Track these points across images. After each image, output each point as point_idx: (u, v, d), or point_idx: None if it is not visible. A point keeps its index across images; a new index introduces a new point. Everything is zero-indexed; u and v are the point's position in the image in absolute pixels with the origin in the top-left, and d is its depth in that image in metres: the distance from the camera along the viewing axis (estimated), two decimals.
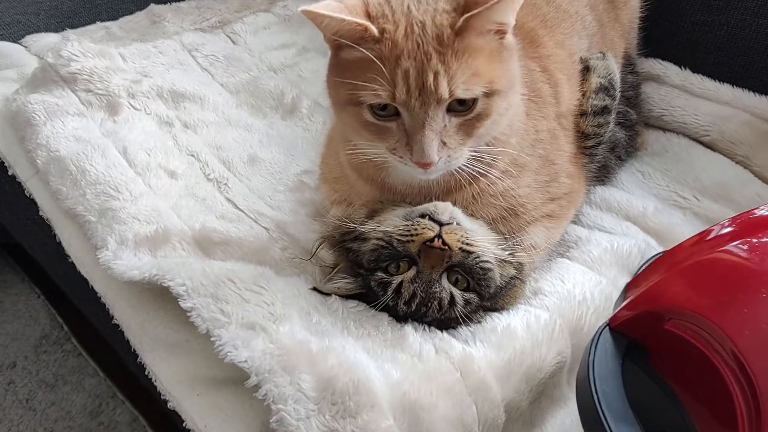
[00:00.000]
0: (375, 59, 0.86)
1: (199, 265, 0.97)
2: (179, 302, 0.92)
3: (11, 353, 1.85)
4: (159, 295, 1.01)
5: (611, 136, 1.19)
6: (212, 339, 0.87)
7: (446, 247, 0.91)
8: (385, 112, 0.89)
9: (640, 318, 0.82)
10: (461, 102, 0.87)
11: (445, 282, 0.93)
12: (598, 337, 0.83)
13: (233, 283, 0.93)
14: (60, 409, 1.72)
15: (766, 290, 0.77)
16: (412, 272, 0.93)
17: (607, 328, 0.84)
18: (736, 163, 1.32)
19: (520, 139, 1.01)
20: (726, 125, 1.34)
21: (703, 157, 1.34)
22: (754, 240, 0.84)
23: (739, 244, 0.83)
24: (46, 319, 1.94)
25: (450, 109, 0.88)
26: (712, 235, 0.87)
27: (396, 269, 0.93)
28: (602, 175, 1.24)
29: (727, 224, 0.89)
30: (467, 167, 0.93)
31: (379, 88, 0.86)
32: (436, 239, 0.91)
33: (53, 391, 1.76)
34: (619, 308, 0.86)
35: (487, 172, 0.96)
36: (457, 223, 0.95)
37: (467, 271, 0.93)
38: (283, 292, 0.93)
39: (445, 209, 0.95)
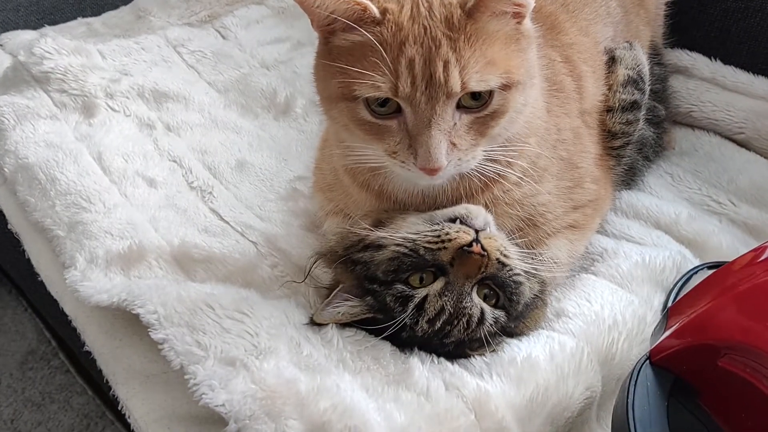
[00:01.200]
0: (376, 44, 0.75)
1: (174, 288, 0.86)
2: (150, 333, 0.81)
3: None
4: (133, 320, 0.90)
5: (639, 134, 1.07)
6: (186, 377, 0.75)
7: (485, 254, 0.81)
8: (385, 108, 0.78)
9: (687, 351, 0.70)
10: (474, 96, 0.76)
11: (476, 296, 0.82)
12: (638, 373, 0.72)
13: (212, 309, 0.82)
14: (47, 429, 1.65)
15: None
16: (439, 284, 0.81)
17: (648, 362, 0.73)
18: None
19: (540, 138, 0.90)
20: (762, 122, 1.23)
21: (738, 156, 1.23)
22: None
23: None
24: (33, 334, 1.86)
25: (460, 105, 0.77)
26: (765, 255, 0.77)
27: (419, 282, 0.82)
28: (629, 177, 1.13)
29: None
30: (480, 170, 0.82)
31: (379, 79, 0.75)
32: (474, 244, 0.81)
33: (40, 410, 1.69)
34: (661, 338, 0.74)
35: (503, 176, 0.86)
36: (490, 230, 0.85)
37: (500, 285, 0.83)
38: (269, 319, 0.82)
39: (478, 213, 0.85)
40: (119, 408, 0.92)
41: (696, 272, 0.97)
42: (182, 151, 1.20)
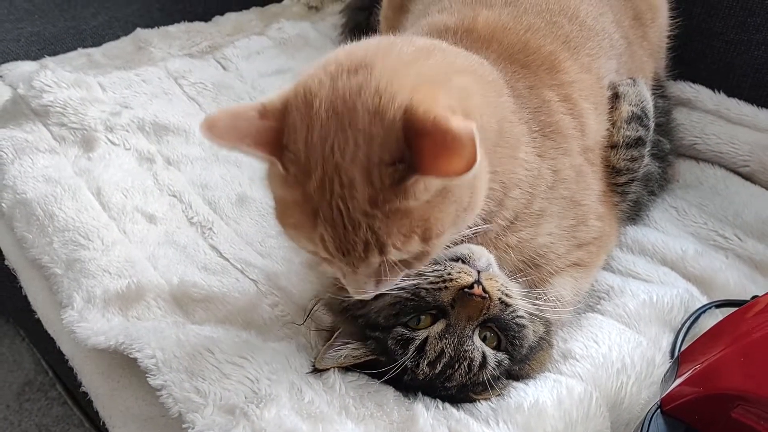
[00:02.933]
0: (293, 205, 0.71)
1: (173, 331, 0.84)
2: (147, 379, 0.79)
3: None
4: (131, 362, 0.88)
5: (645, 170, 1.06)
6: (184, 426, 0.73)
7: (487, 296, 0.79)
8: None
9: (699, 401, 0.68)
10: None
11: (477, 339, 0.80)
12: (650, 422, 0.70)
13: (212, 354, 0.80)
14: None
15: None
16: (440, 326, 0.79)
17: (659, 410, 0.71)
18: None
19: (528, 186, 0.87)
20: (766, 155, 1.21)
21: (743, 190, 1.21)
22: None
23: None
24: (31, 364, 1.85)
25: None
26: None
27: (416, 323, 0.80)
28: (635, 213, 1.11)
29: None
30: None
31: (302, 240, 0.73)
32: (476, 285, 0.79)
33: None
34: (672, 386, 0.72)
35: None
36: (492, 270, 0.83)
37: (502, 327, 0.81)
38: (270, 364, 0.80)
39: (481, 254, 0.83)
40: None
41: (704, 311, 0.95)
42: (182, 186, 1.18)
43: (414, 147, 0.65)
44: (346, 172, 0.67)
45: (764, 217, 1.15)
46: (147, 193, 1.16)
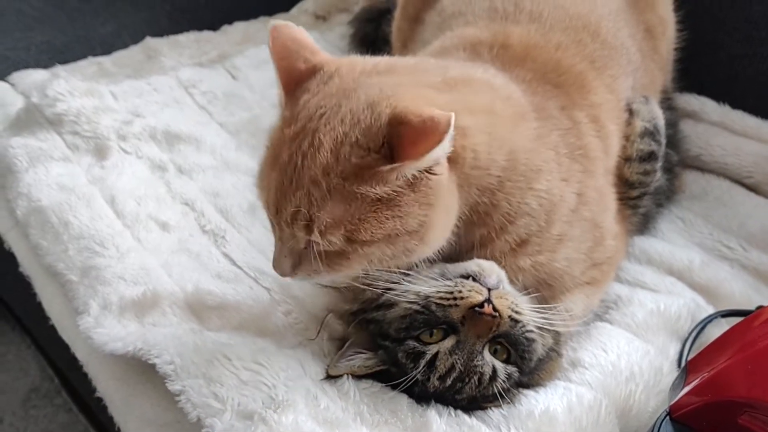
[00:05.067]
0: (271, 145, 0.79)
1: (190, 338, 0.85)
2: (166, 384, 0.80)
3: None
4: (146, 369, 0.89)
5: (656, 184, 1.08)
6: (204, 430, 0.75)
7: (497, 314, 0.80)
8: None
9: (707, 408, 0.70)
10: None
11: (487, 354, 0.81)
12: (659, 429, 0.71)
13: (229, 360, 0.82)
14: None
15: None
16: (450, 342, 0.80)
17: (668, 417, 0.72)
18: None
19: (545, 214, 0.88)
20: None
21: (748, 201, 1.23)
22: None
23: None
24: (37, 371, 1.85)
25: None
26: None
27: (429, 336, 0.81)
28: (644, 225, 1.13)
29: None
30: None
31: (259, 181, 0.81)
32: (486, 304, 0.80)
33: None
34: (680, 394, 0.74)
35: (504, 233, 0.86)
36: (503, 287, 0.84)
37: (512, 342, 0.82)
38: (286, 371, 0.81)
39: (492, 270, 0.84)
40: None
41: (710, 321, 0.97)
42: (194, 194, 1.20)
43: (394, 137, 0.70)
44: (320, 135, 0.73)
45: None
46: (160, 201, 1.17)
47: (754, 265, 1.12)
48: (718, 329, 0.96)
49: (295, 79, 0.80)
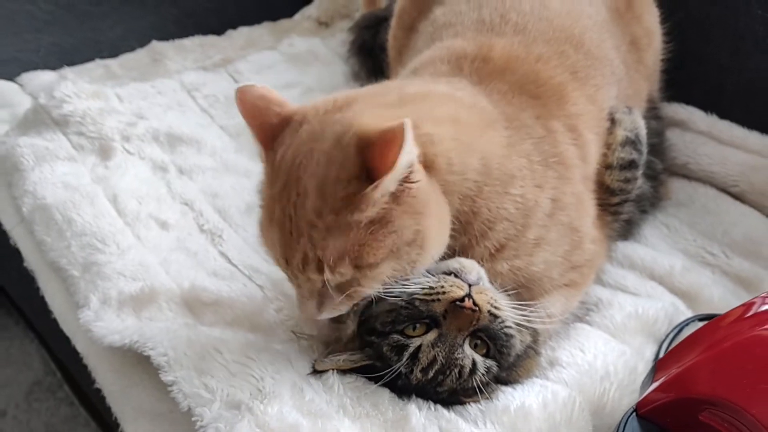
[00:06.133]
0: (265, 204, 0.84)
1: (184, 332, 0.89)
2: (160, 375, 0.84)
3: (2, 401, 1.80)
4: (143, 361, 0.93)
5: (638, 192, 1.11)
6: (193, 419, 0.79)
7: (477, 308, 0.84)
8: None
9: (672, 405, 0.74)
10: None
11: (467, 347, 0.85)
12: (625, 425, 0.75)
13: (220, 353, 0.86)
14: None
15: None
16: (432, 335, 0.84)
17: (635, 414, 0.76)
18: (767, 216, 1.23)
19: (522, 218, 0.92)
20: (756, 176, 1.26)
21: (733, 209, 1.26)
22: None
23: None
24: (40, 365, 1.88)
25: None
26: (753, 311, 0.80)
27: (413, 330, 0.85)
28: (627, 230, 1.16)
29: (764, 300, 0.82)
30: None
31: (264, 241, 0.86)
32: (467, 299, 0.84)
33: None
34: (648, 391, 0.77)
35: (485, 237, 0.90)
36: (483, 284, 0.88)
37: (491, 337, 0.86)
38: (273, 364, 0.85)
39: (472, 267, 0.88)
40: None
41: (687, 324, 1.00)
42: (194, 194, 1.24)
43: (365, 158, 0.74)
44: (304, 183, 0.77)
45: (751, 236, 1.19)
46: (160, 200, 1.21)
47: (736, 271, 1.15)
48: None
49: (271, 134, 0.84)
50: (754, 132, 1.32)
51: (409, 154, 0.73)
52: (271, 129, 0.84)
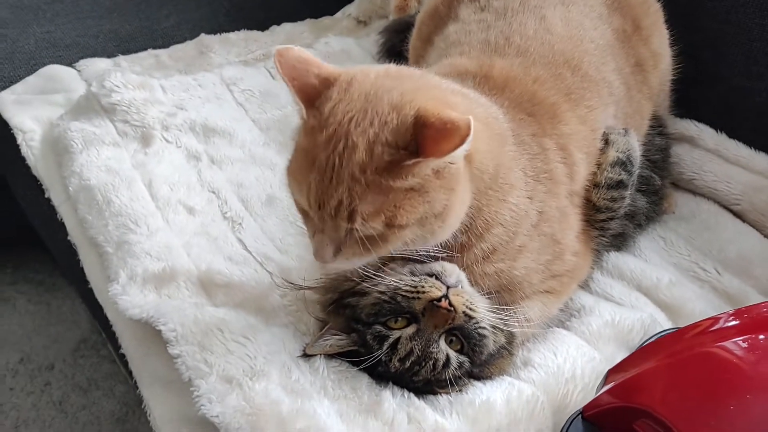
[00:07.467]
0: (302, 151, 0.87)
1: (192, 311, 1.00)
2: (167, 347, 0.95)
3: (51, 355, 1.95)
4: (158, 332, 1.04)
5: (631, 204, 1.16)
6: (191, 389, 0.90)
7: (452, 309, 0.92)
8: None
9: (615, 410, 0.80)
10: None
11: (443, 343, 0.93)
12: (570, 425, 0.82)
13: (221, 332, 0.96)
14: (90, 413, 1.81)
15: (752, 396, 0.73)
16: (411, 329, 0.93)
17: (580, 416, 0.83)
18: (765, 236, 1.27)
19: (514, 226, 0.99)
20: (757, 196, 1.29)
21: (732, 227, 1.29)
22: (761, 337, 0.79)
23: (740, 340, 0.79)
24: (87, 324, 2.03)
25: None
26: (717, 326, 0.83)
27: (394, 323, 0.94)
28: (618, 242, 1.21)
29: (733, 316, 0.85)
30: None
31: (295, 187, 0.89)
32: (443, 299, 0.92)
33: (86, 395, 1.85)
34: (597, 394, 0.84)
35: (473, 246, 0.97)
36: (462, 287, 0.96)
37: (465, 335, 0.94)
38: (268, 345, 0.95)
39: (452, 271, 0.96)
40: (142, 406, 1.07)
41: (660, 335, 1.05)
42: (221, 183, 1.34)
43: (419, 136, 0.80)
44: (353, 138, 0.82)
45: (745, 254, 1.23)
46: (190, 188, 1.31)
47: (725, 287, 1.19)
48: None
49: (311, 93, 0.87)
50: (761, 153, 1.35)
51: (464, 149, 0.81)
52: (312, 88, 0.87)
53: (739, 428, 0.70)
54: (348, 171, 0.82)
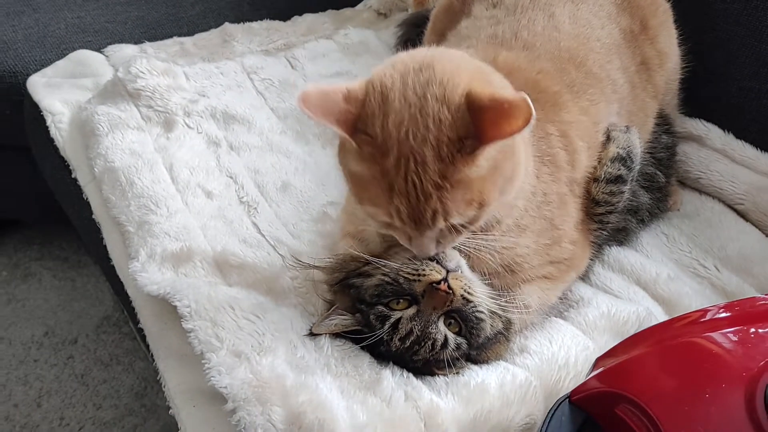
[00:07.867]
0: (372, 179, 0.87)
1: (206, 289, 1.05)
2: (181, 322, 1.01)
3: (74, 330, 2.03)
4: (174, 308, 1.09)
5: (633, 200, 1.19)
6: (203, 361, 0.95)
7: (450, 292, 0.96)
8: None
9: (599, 395, 0.83)
10: None
11: (441, 324, 0.98)
12: (556, 409, 0.85)
13: (233, 309, 1.01)
14: (110, 387, 1.88)
15: (727, 385, 0.75)
16: (412, 310, 0.97)
17: (567, 400, 0.86)
18: (766, 236, 1.29)
19: (527, 201, 1.03)
20: (761, 196, 1.32)
21: (734, 226, 1.32)
22: (750, 330, 0.82)
23: (728, 332, 0.82)
24: (110, 301, 2.11)
25: None
26: (706, 317, 0.87)
27: (396, 304, 0.98)
28: (620, 237, 1.24)
29: (723, 309, 0.88)
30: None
31: (378, 212, 0.89)
32: (442, 282, 0.96)
33: (107, 369, 1.92)
34: (585, 378, 0.87)
35: (491, 228, 1.00)
36: (461, 272, 1.00)
37: (463, 318, 0.98)
38: (276, 323, 1.01)
39: (453, 257, 1.00)
40: (157, 378, 1.13)
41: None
42: (239, 169, 1.39)
43: (477, 121, 0.81)
44: (420, 152, 0.82)
45: (746, 253, 1.26)
46: (209, 172, 1.37)
47: (723, 284, 1.22)
48: None
49: (350, 119, 0.85)
50: (766, 154, 1.37)
51: (530, 128, 0.81)
52: (348, 114, 0.85)
53: (714, 415, 0.73)
54: (430, 184, 0.83)
